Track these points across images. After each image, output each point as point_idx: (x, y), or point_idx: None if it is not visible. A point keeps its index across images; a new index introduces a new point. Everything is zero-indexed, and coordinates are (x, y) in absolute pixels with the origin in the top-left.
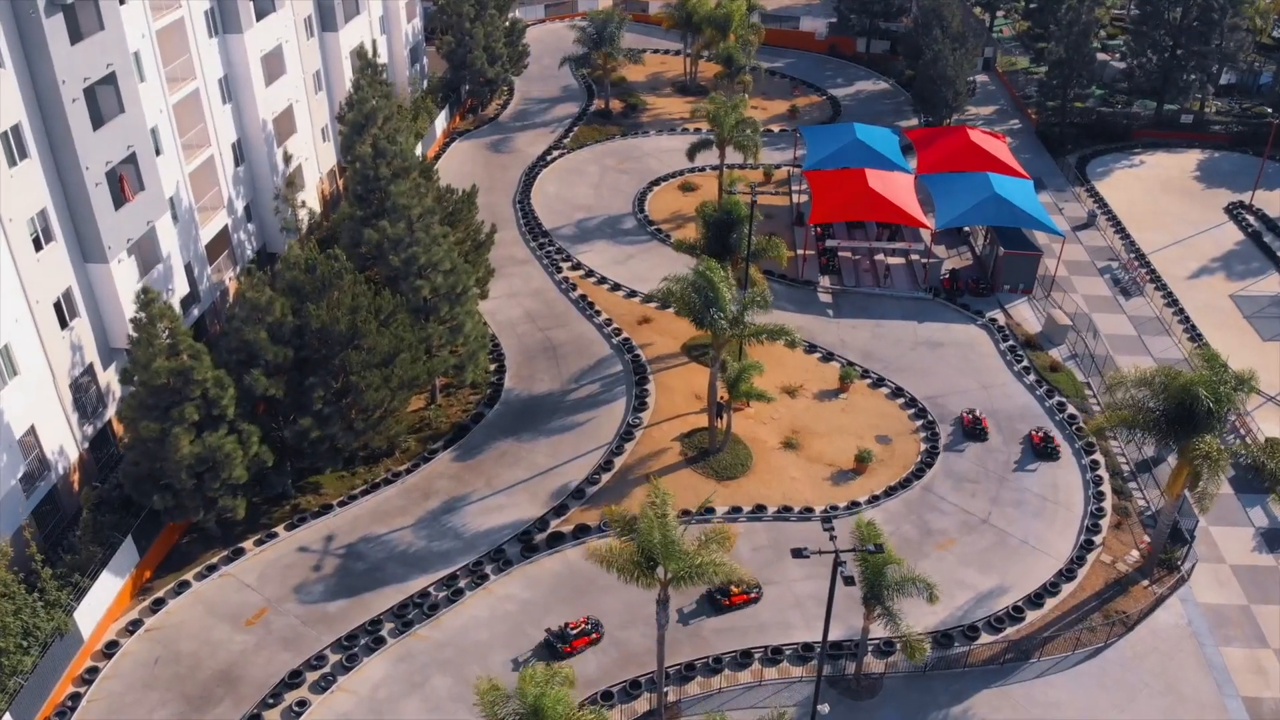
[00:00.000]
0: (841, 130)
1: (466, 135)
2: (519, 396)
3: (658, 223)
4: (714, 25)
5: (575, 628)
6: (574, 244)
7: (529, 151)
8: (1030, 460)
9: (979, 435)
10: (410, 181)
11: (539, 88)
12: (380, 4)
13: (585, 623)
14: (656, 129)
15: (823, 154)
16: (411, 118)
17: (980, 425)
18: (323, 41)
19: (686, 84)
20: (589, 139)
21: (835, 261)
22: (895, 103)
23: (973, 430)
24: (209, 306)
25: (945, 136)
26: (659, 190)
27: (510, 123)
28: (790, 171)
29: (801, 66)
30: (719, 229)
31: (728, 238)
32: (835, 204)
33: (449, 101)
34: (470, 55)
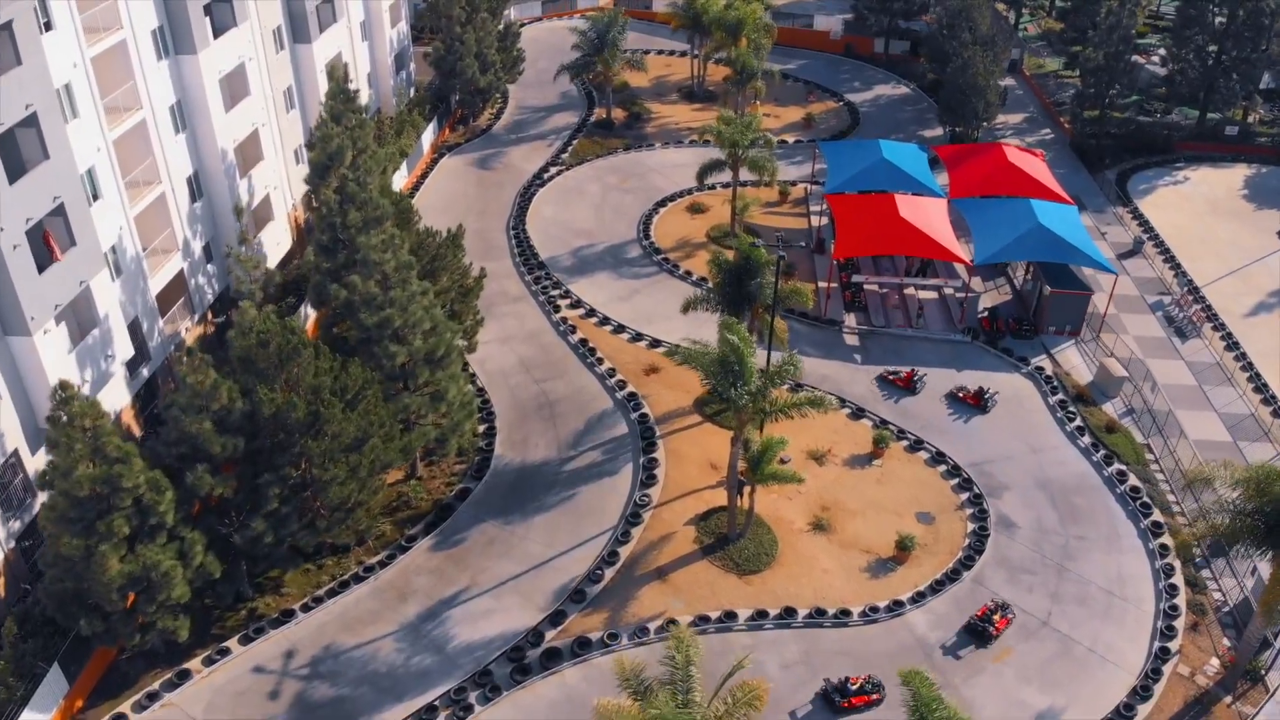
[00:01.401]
0: (866, 148)
1: (456, 150)
2: (510, 466)
3: (665, 251)
4: (724, 28)
5: (855, 683)
6: (573, 277)
7: (524, 168)
8: (1090, 538)
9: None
10: (383, 233)
11: (535, 94)
12: (361, 9)
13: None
14: (662, 140)
15: (846, 175)
16: (395, 134)
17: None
18: (294, 55)
19: (694, 89)
20: (589, 153)
21: (861, 297)
22: (917, 110)
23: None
24: (161, 364)
25: (979, 155)
26: (665, 212)
27: (504, 135)
28: (808, 189)
29: (815, 68)
30: (736, 276)
31: (745, 285)
32: (863, 236)
33: (437, 113)
34: (460, 63)
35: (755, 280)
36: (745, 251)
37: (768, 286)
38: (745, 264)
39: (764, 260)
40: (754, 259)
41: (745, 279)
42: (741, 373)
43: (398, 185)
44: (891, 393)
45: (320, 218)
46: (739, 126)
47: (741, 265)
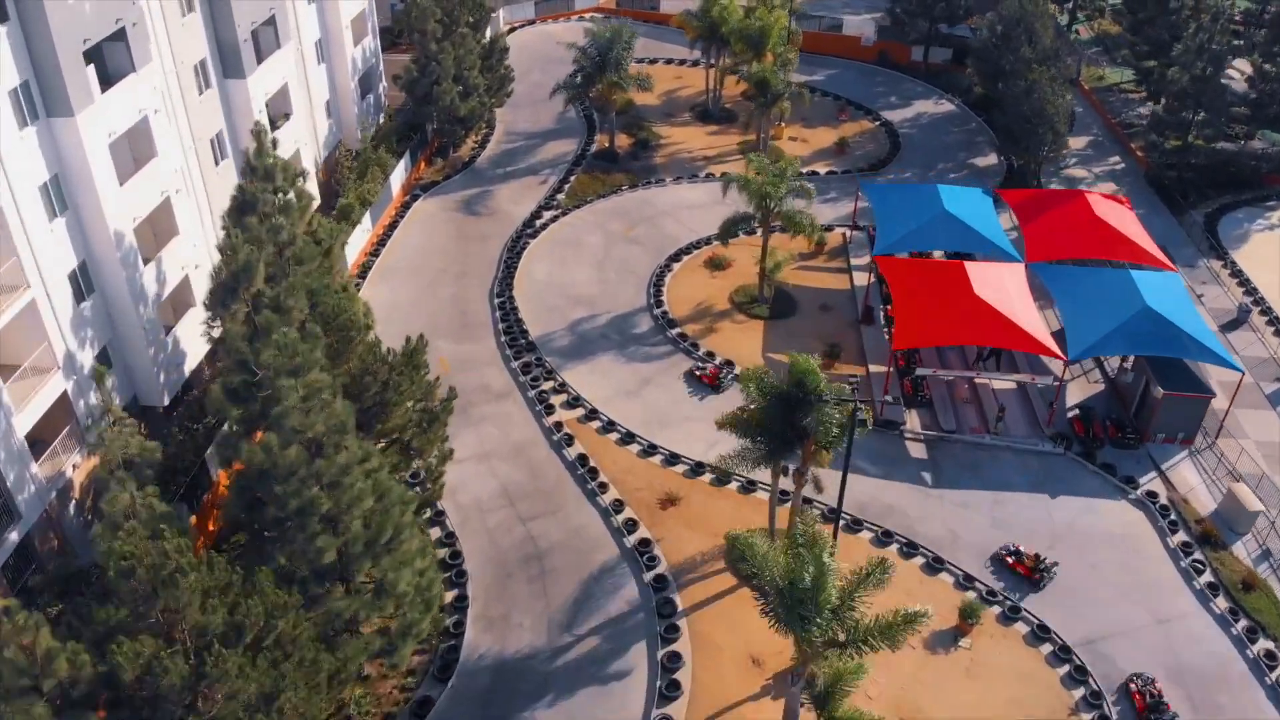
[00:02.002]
0: (921, 194)
1: (433, 190)
2: (485, 661)
3: (681, 322)
4: (746, 41)
5: None
6: (570, 361)
7: (513, 213)
8: None
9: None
10: (308, 386)
11: (527, 116)
12: (316, 25)
13: None
14: (674, 173)
15: (899, 230)
16: (356, 177)
17: (1162, 708)
18: (225, 93)
19: (709, 108)
20: (589, 192)
21: (924, 388)
22: (965, 132)
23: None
24: (37, 520)
25: (1057, 204)
26: (680, 269)
27: (490, 169)
28: (848, 236)
29: (846, 80)
30: (783, 407)
31: (794, 418)
32: (928, 321)
33: (410, 144)
34: (437, 88)
35: (807, 418)
36: (800, 373)
37: (828, 423)
38: (799, 390)
39: (824, 388)
40: (810, 384)
41: (797, 412)
42: (816, 598)
43: (358, 242)
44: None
45: (228, 355)
46: (771, 176)
47: (793, 393)
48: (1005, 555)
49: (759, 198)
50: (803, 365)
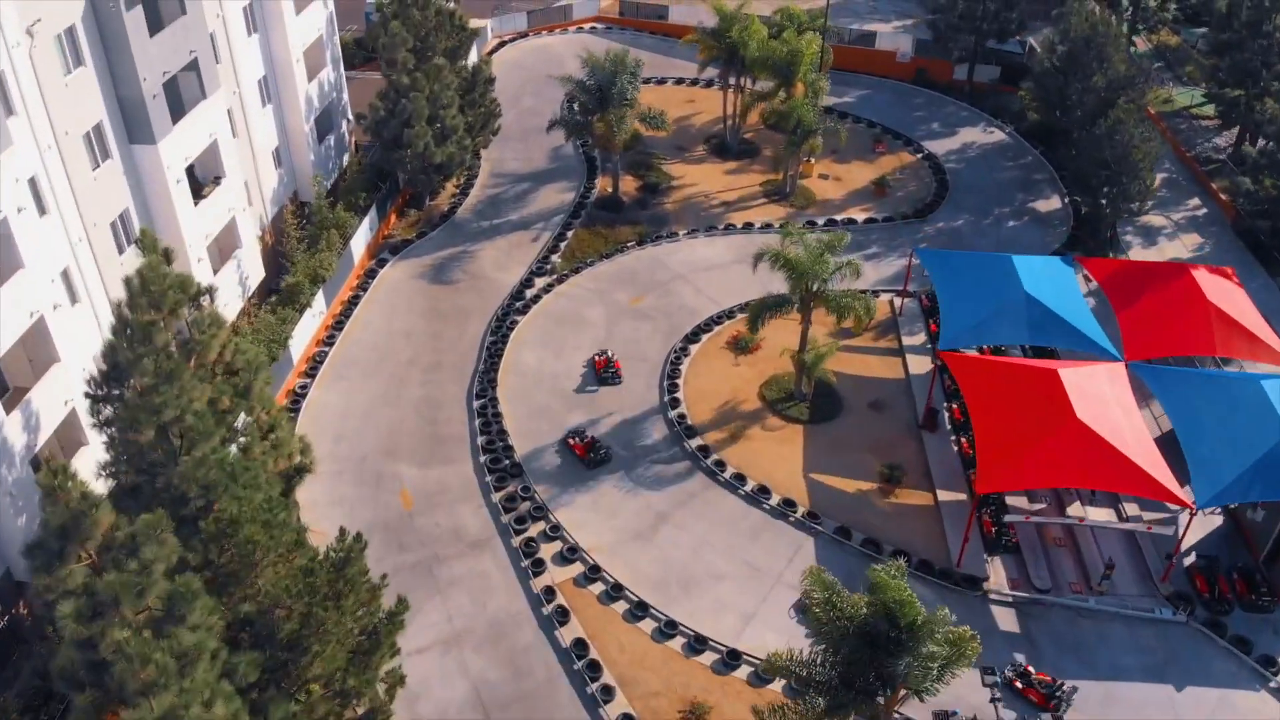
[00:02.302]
0: (992, 268)
1: (405, 251)
2: None
3: (701, 427)
4: (772, 71)
5: None
6: (565, 490)
7: (499, 281)
8: None
9: None
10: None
11: (517, 152)
12: (259, 60)
13: None
14: (689, 221)
15: (968, 317)
16: (306, 249)
17: None
18: (131, 162)
19: (725, 140)
20: (589, 251)
21: (1009, 534)
22: (1021, 167)
23: None
24: None
25: (1157, 284)
26: (699, 352)
27: (472, 222)
28: (898, 305)
29: (880, 102)
30: (865, 644)
31: (884, 661)
32: (1021, 457)
33: (378, 194)
34: (408, 132)
35: (905, 660)
36: (888, 601)
37: (929, 665)
38: (888, 624)
39: (921, 620)
40: (905, 618)
41: (883, 652)
42: None
43: (309, 329)
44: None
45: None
46: (815, 253)
47: (880, 627)
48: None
49: (799, 279)
50: (892, 590)
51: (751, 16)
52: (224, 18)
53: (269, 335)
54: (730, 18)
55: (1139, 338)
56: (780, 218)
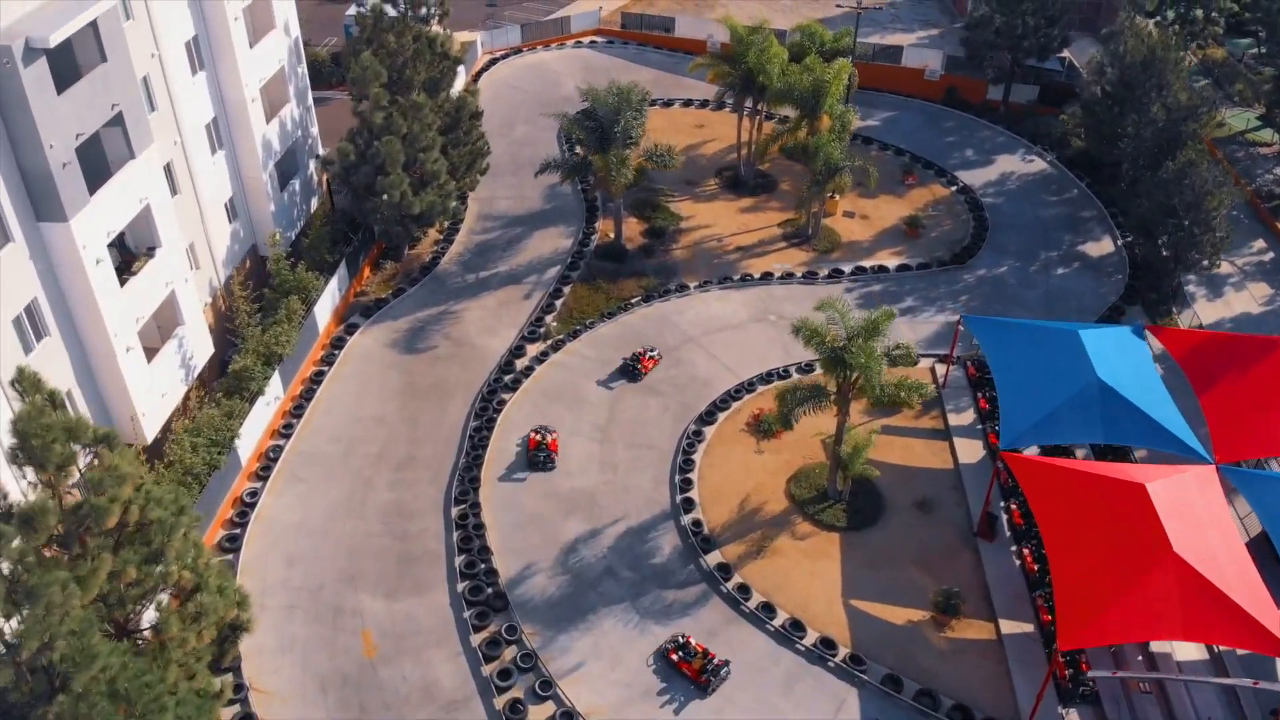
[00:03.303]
0: (1056, 343)
1: (378, 313)
2: None
3: (720, 537)
4: (795, 102)
5: None
6: (560, 629)
7: (485, 349)
8: None
9: None
10: None
11: (509, 189)
12: (208, 103)
13: None
14: (700, 271)
15: (1032, 411)
16: (253, 322)
17: None
18: (39, 244)
19: (739, 173)
20: (589, 310)
21: (1087, 682)
22: (1067, 202)
23: None
24: None
25: (1244, 361)
26: (715, 437)
27: (457, 275)
28: (942, 376)
29: (908, 125)
30: None
31: None
32: (1108, 605)
33: (349, 246)
34: (382, 180)
35: None
36: None
37: None
38: None
39: None
40: None
41: None
42: None
43: (263, 419)
44: None
45: None
46: (861, 344)
47: None
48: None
49: (840, 369)
50: None
51: (769, 38)
52: (160, 57)
53: (211, 435)
54: (746, 40)
55: (1230, 433)
56: (802, 264)
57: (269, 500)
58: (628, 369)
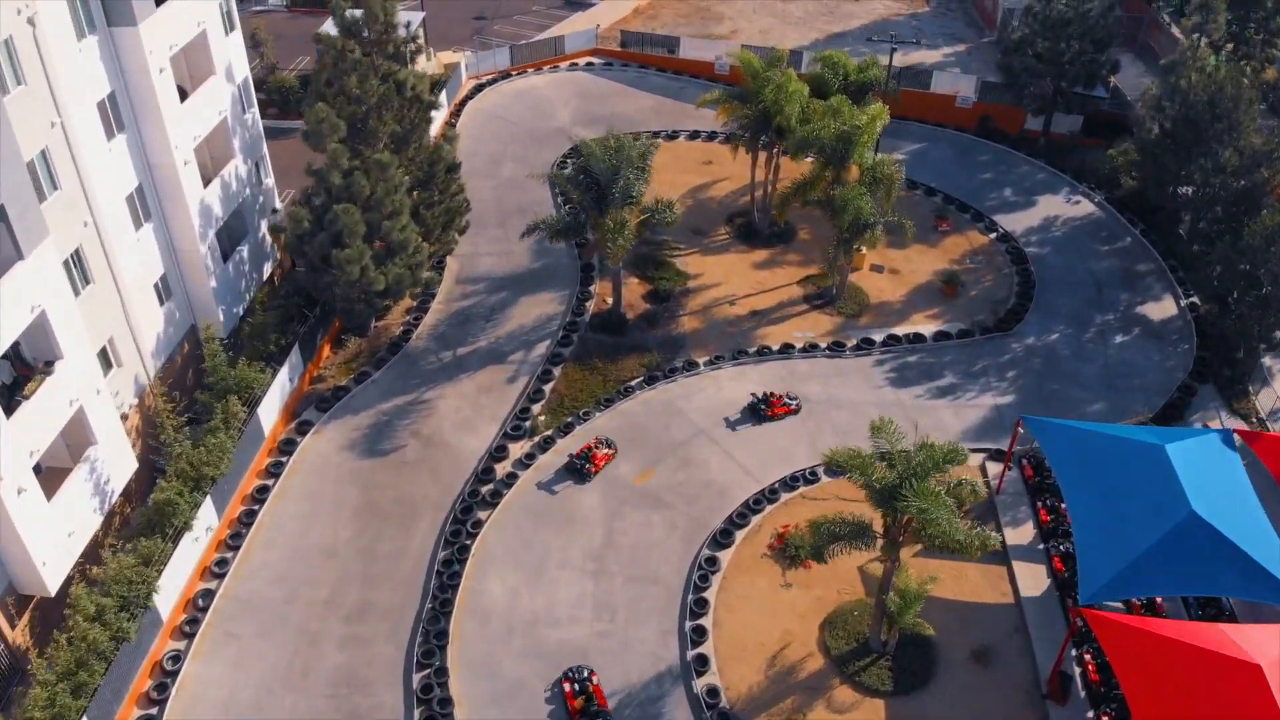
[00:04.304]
0: (1136, 460)
1: (336, 407)
2: None
3: (743, 710)
4: (822, 152)
5: None
6: None
7: (460, 451)
8: None
9: None
10: None
11: (494, 244)
12: (130, 169)
13: None
14: (711, 343)
15: (1116, 555)
16: (170, 430)
17: None
18: None
19: (754, 222)
20: (582, 397)
21: None
22: (1119, 253)
23: None
24: None
25: None
26: (732, 564)
27: (431, 353)
28: (996, 481)
29: (937, 158)
30: None
31: None
32: None
33: (303, 326)
34: (338, 254)
35: None
36: None
37: None
38: None
39: None
40: None
41: None
42: None
43: (189, 561)
44: None
45: None
46: (920, 486)
47: None
48: None
49: (891, 508)
50: None
51: (788, 75)
52: (64, 124)
53: (122, 594)
54: (762, 75)
55: None
56: (827, 332)
57: (194, 668)
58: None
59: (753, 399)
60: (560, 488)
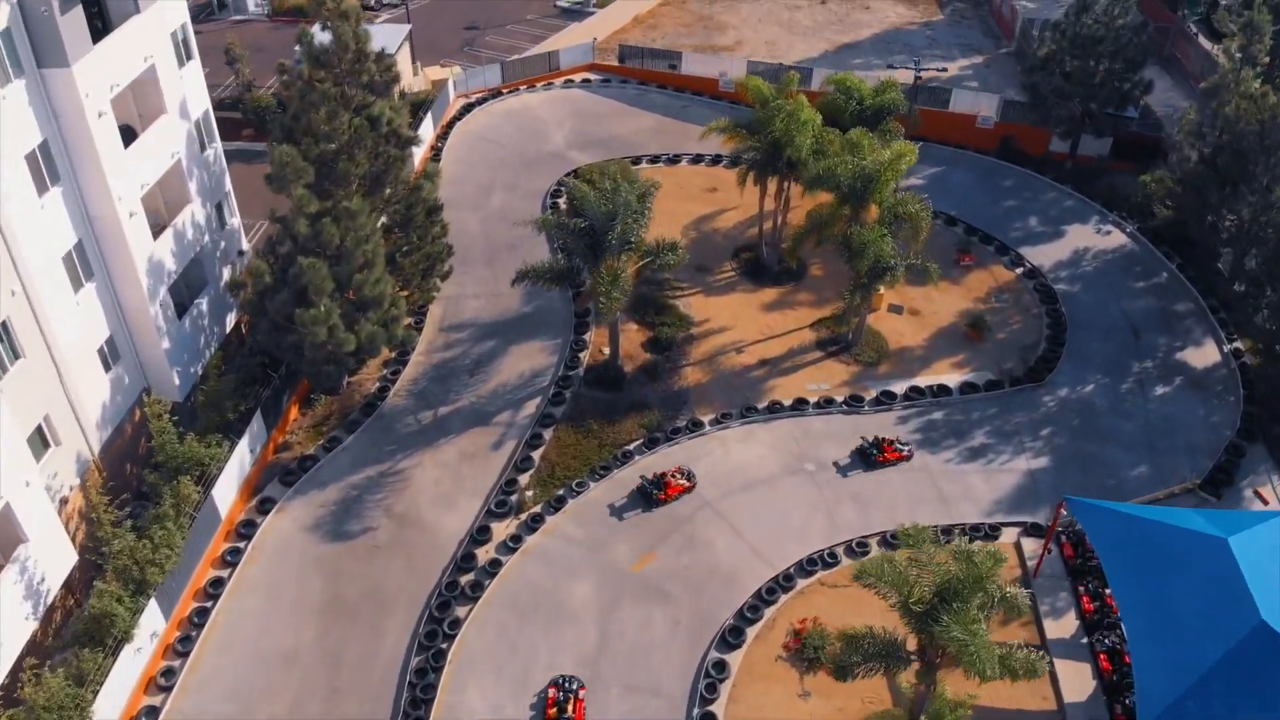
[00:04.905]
0: (1194, 553)
1: (301, 481)
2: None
3: None
4: (838, 189)
5: None
6: None
7: (439, 529)
8: None
9: None
10: None
11: (480, 283)
12: (67, 224)
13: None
14: (717, 398)
15: (1176, 673)
16: (106, 528)
17: None
18: None
19: (762, 257)
20: (576, 464)
21: None
22: (1156, 289)
23: None
24: None
25: None
26: (744, 668)
27: (408, 414)
28: (1027, 556)
29: (957, 183)
30: None
31: None
32: None
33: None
34: (302, 314)
35: None
36: None
37: None
38: None
39: None
40: None
41: None
42: None
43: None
44: None
45: None
46: (956, 612)
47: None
48: None
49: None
50: None
51: (799, 102)
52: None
53: (54, 716)
54: (771, 104)
55: None
56: (843, 382)
57: None
58: (645, 492)
59: (863, 443)
60: (550, 577)
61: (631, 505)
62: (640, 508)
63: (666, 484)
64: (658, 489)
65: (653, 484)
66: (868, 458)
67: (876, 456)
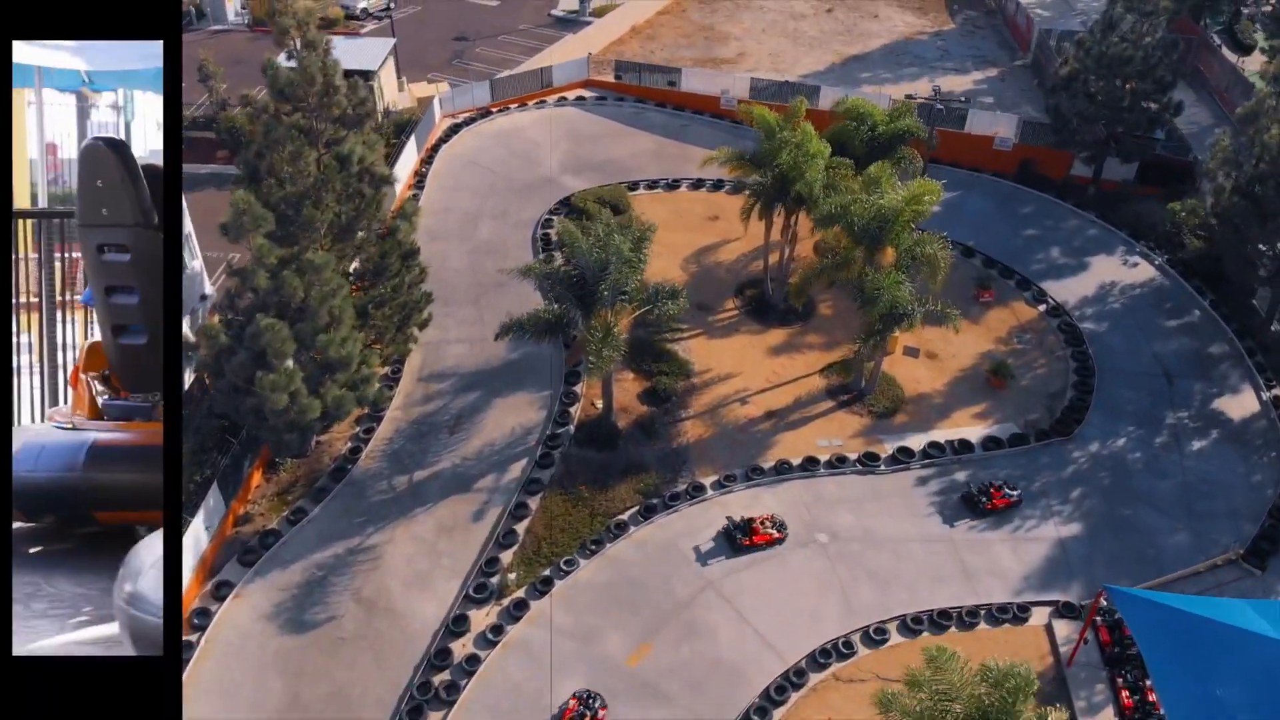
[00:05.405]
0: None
1: (261, 561)
2: None
3: None
4: (851, 230)
5: None
6: None
7: (412, 617)
8: None
9: None
10: None
11: (464, 327)
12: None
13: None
14: (720, 458)
15: None
16: None
17: None
18: None
19: (767, 295)
20: (565, 538)
21: None
22: (1189, 330)
23: None
24: None
25: None
26: None
27: (381, 479)
28: (1060, 641)
29: (974, 209)
30: None
31: None
32: None
33: (224, 460)
34: (262, 378)
35: None
36: None
37: None
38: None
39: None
40: None
41: None
42: None
43: None
44: None
45: None
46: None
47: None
48: None
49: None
50: None
51: (807, 133)
52: None
53: None
54: (777, 135)
55: None
56: (856, 434)
57: None
58: (730, 535)
59: (728, 524)
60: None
61: (631, 583)
62: (640, 592)
63: (754, 529)
64: (744, 534)
65: (739, 528)
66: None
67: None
